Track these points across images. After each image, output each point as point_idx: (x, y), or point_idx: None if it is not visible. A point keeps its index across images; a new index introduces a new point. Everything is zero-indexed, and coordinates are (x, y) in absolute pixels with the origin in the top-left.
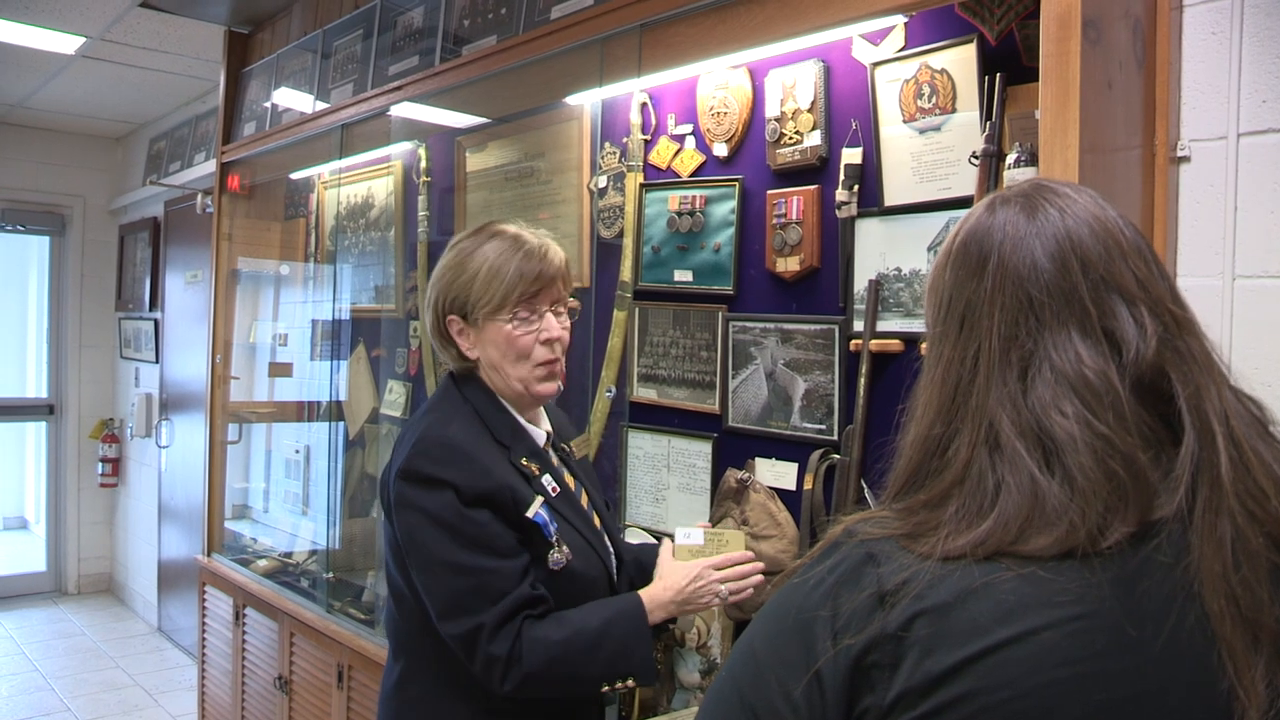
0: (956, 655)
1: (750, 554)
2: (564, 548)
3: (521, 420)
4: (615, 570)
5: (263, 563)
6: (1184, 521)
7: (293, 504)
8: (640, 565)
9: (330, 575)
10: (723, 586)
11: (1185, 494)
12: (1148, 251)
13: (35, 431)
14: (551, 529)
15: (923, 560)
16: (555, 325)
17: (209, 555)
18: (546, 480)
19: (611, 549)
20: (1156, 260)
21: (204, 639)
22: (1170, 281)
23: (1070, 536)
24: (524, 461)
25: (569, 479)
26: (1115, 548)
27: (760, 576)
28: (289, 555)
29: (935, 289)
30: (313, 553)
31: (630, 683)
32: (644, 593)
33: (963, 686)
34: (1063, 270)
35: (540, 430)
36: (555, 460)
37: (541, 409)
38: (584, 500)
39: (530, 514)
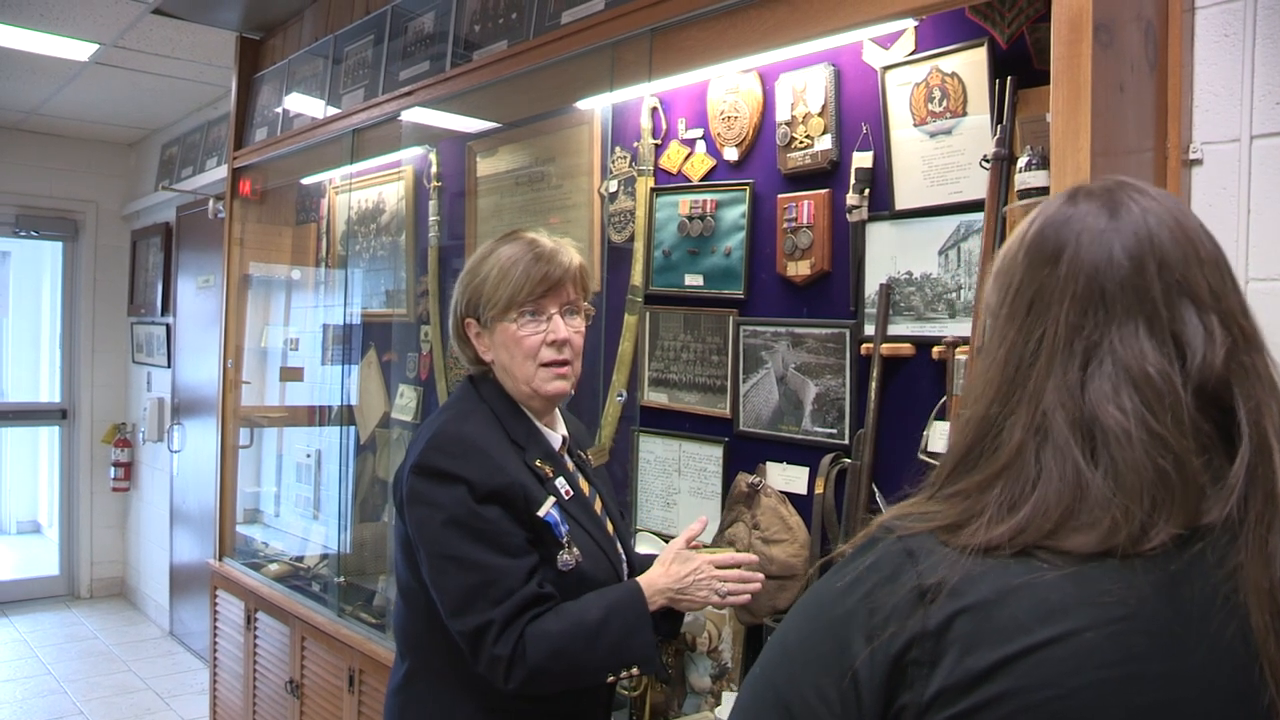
0: (997, 653)
1: (754, 557)
2: (574, 549)
3: (538, 423)
4: (626, 576)
5: (274, 567)
6: (1232, 532)
7: (304, 508)
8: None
9: (341, 579)
10: (722, 585)
11: (1236, 504)
12: (1224, 264)
13: (48, 436)
14: (562, 529)
15: (961, 554)
16: (562, 327)
17: (220, 559)
18: (560, 483)
19: (624, 555)
20: (1231, 274)
21: (215, 643)
22: (1242, 296)
23: (1112, 534)
24: (538, 463)
25: (584, 484)
26: (1159, 549)
27: (758, 585)
28: (300, 559)
29: (1006, 271)
30: (324, 557)
31: (635, 671)
32: (643, 579)
33: (1003, 685)
34: (1139, 269)
35: (556, 434)
36: (571, 465)
37: (559, 415)
38: (598, 506)
39: (541, 513)
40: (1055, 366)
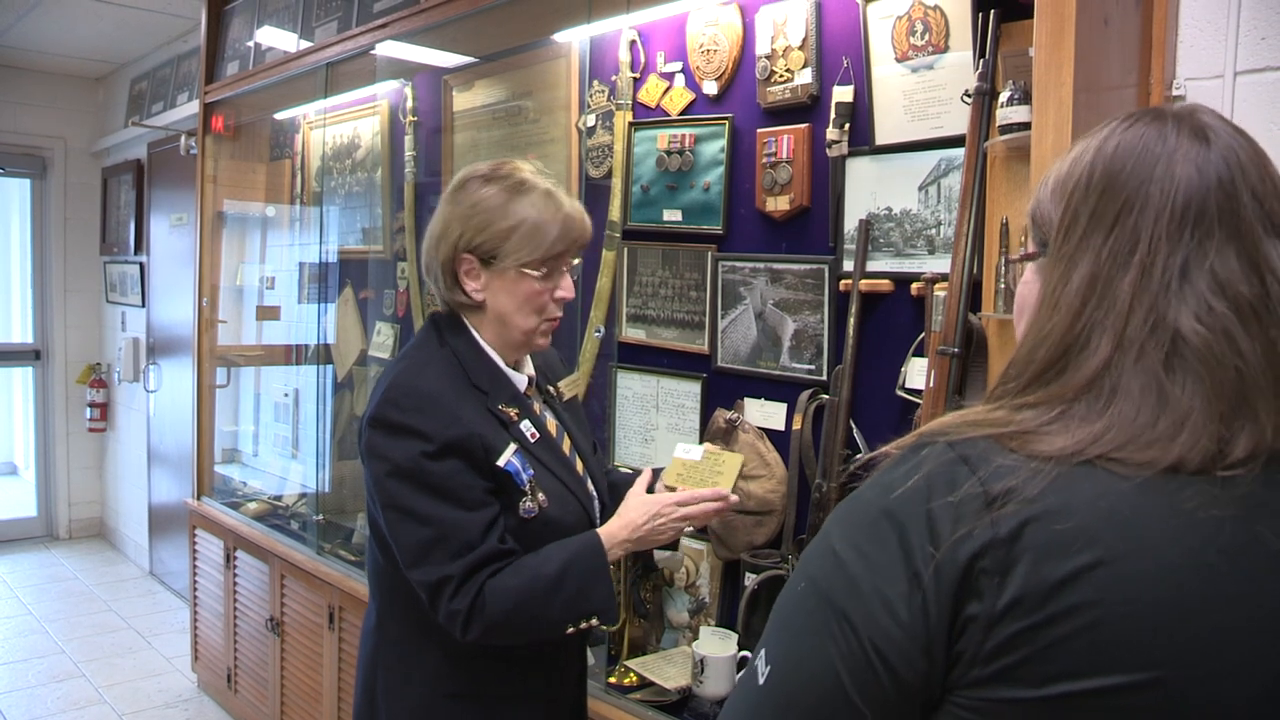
0: (1072, 563)
1: (724, 491)
2: (538, 495)
3: (502, 365)
4: (598, 516)
5: (253, 506)
6: None
7: (282, 447)
8: (617, 497)
9: (320, 517)
10: (685, 525)
11: None
12: None
13: (22, 377)
14: (524, 477)
15: (1029, 462)
16: (570, 285)
17: (199, 499)
18: (525, 426)
19: (595, 495)
20: None
21: (195, 582)
22: None
23: (1189, 450)
24: (502, 407)
25: (551, 424)
26: (1240, 465)
27: (719, 512)
28: (279, 498)
29: (1081, 186)
30: (302, 495)
31: (595, 622)
32: (603, 530)
33: (1078, 596)
34: (1233, 196)
35: (522, 375)
36: (538, 406)
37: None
38: (566, 446)
39: (501, 463)
40: (1148, 283)
